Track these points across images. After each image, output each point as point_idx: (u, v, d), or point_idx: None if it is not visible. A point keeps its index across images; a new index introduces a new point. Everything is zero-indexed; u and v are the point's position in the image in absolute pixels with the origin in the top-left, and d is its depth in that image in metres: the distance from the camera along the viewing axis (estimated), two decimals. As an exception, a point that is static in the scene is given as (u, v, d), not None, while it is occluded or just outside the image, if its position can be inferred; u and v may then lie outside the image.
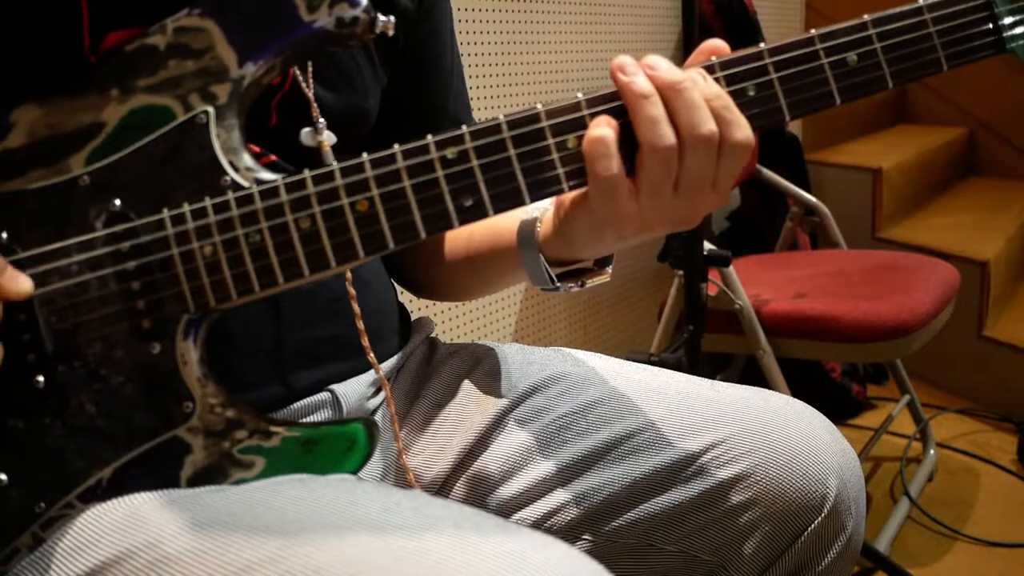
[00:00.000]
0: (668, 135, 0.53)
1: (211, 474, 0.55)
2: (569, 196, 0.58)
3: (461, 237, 0.75)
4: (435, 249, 0.80)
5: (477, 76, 1.57)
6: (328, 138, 0.63)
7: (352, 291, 0.65)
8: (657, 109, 0.53)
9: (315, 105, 0.64)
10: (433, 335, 0.84)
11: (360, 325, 0.65)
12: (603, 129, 0.53)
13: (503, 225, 0.69)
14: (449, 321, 1.61)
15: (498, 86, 1.65)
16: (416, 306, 1.49)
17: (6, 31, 0.57)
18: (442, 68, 0.80)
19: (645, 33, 2.10)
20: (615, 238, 0.58)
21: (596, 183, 0.54)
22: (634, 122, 0.54)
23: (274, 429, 0.56)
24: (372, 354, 0.66)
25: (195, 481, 0.55)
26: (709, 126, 0.53)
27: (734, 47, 0.56)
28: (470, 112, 0.84)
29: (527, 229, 0.65)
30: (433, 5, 0.77)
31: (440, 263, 0.80)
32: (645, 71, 0.54)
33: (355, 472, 0.57)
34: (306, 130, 0.63)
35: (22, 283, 0.52)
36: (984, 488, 1.87)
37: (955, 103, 3.21)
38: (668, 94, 0.53)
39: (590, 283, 0.65)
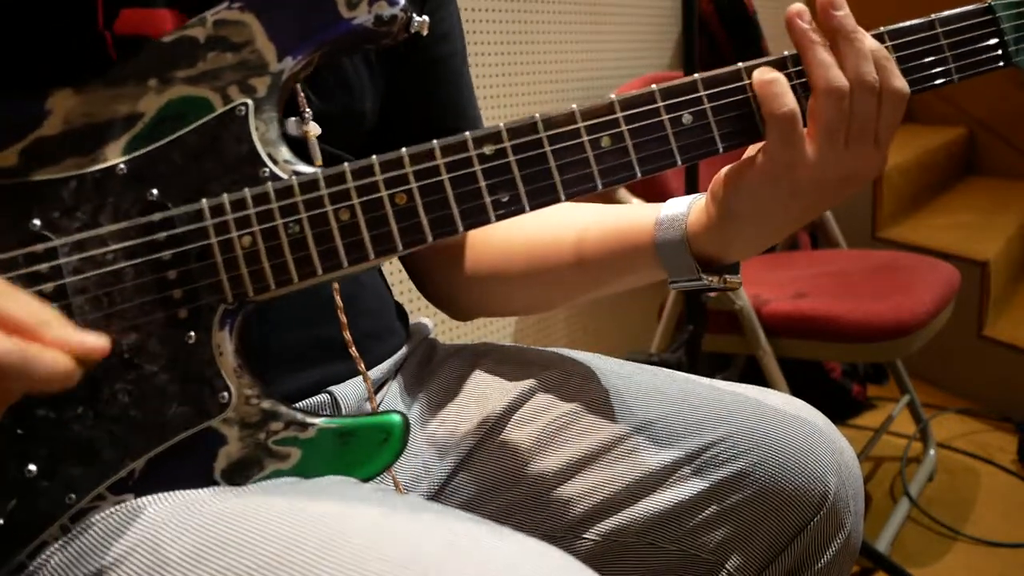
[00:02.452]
0: (841, 77, 0.56)
1: (246, 465, 0.55)
2: (734, 168, 0.60)
3: (567, 242, 0.72)
4: (513, 265, 0.76)
5: (476, 76, 1.57)
6: (313, 128, 0.62)
7: (340, 302, 0.64)
8: (830, 55, 0.57)
9: (302, 95, 0.63)
10: (432, 336, 0.84)
11: (343, 318, 0.64)
12: (773, 72, 0.57)
13: (627, 224, 0.68)
14: (449, 321, 1.61)
15: (498, 86, 1.65)
16: (415, 307, 1.49)
17: (19, 8, 0.56)
18: (455, 69, 0.80)
19: (645, 33, 2.10)
20: (789, 196, 0.59)
21: (775, 124, 0.56)
22: (808, 67, 0.57)
23: (311, 420, 0.56)
24: (354, 348, 0.65)
25: (229, 472, 0.55)
26: (874, 75, 0.56)
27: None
28: (480, 115, 0.84)
29: (673, 223, 0.64)
30: (437, 7, 0.77)
31: (516, 278, 0.76)
32: (828, 10, 0.57)
33: (388, 466, 0.57)
34: (292, 119, 0.62)
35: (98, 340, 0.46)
36: (984, 488, 1.87)
37: (955, 103, 3.21)
38: (844, 41, 0.57)
39: (730, 280, 0.65)
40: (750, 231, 0.62)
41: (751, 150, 0.60)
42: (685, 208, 0.64)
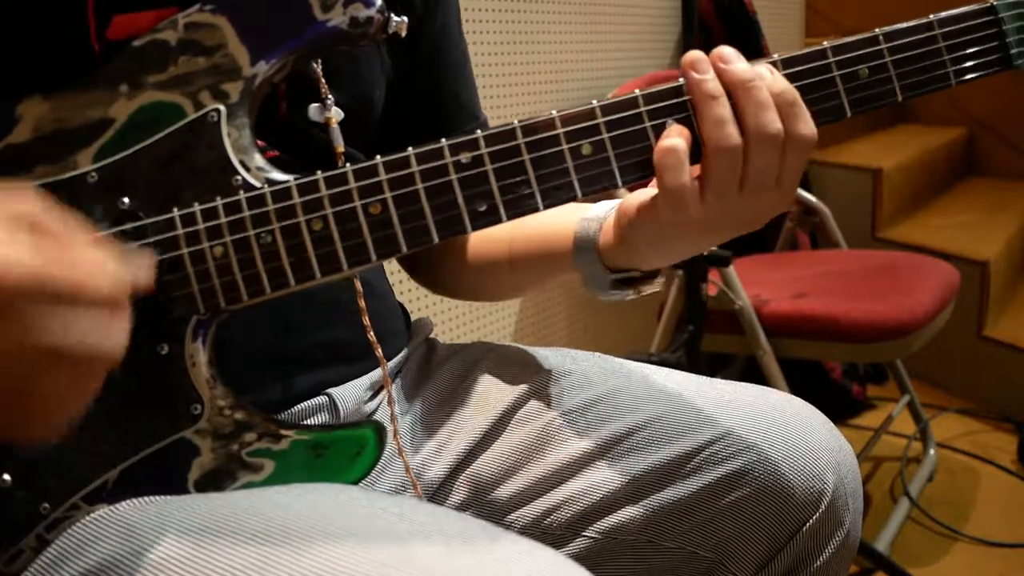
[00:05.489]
0: (734, 136, 0.54)
1: (219, 477, 0.55)
2: (634, 204, 0.59)
3: (502, 240, 0.74)
4: (457, 253, 0.79)
5: (476, 76, 1.57)
6: (336, 114, 0.62)
7: (360, 288, 0.64)
8: (725, 110, 0.54)
9: (323, 81, 0.63)
10: (432, 335, 0.84)
11: (366, 322, 0.65)
12: (674, 140, 0.54)
13: (553, 229, 0.68)
14: (449, 321, 1.61)
15: (498, 86, 1.65)
16: (415, 307, 1.49)
17: (10, 16, 0.56)
18: (454, 59, 0.80)
19: (645, 33, 2.10)
20: (680, 242, 0.59)
21: (666, 193, 0.55)
22: (700, 122, 0.54)
23: (284, 432, 0.55)
24: (380, 350, 0.66)
25: (202, 483, 0.55)
26: (776, 125, 0.54)
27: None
28: (479, 103, 0.84)
29: (586, 236, 0.64)
30: None
31: (463, 266, 0.79)
32: (716, 64, 0.54)
33: (363, 477, 0.57)
34: (314, 105, 0.62)
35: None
36: (984, 488, 1.87)
37: (955, 103, 3.21)
38: (738, 92, 0.54)
39: (645, 291, 0.65)
40: (651, 256, 0.62)
41: (649, 191, 0.58)
42: (597, 225, 0.64)
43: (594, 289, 0.66)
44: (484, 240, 0.76)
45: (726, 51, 0.55)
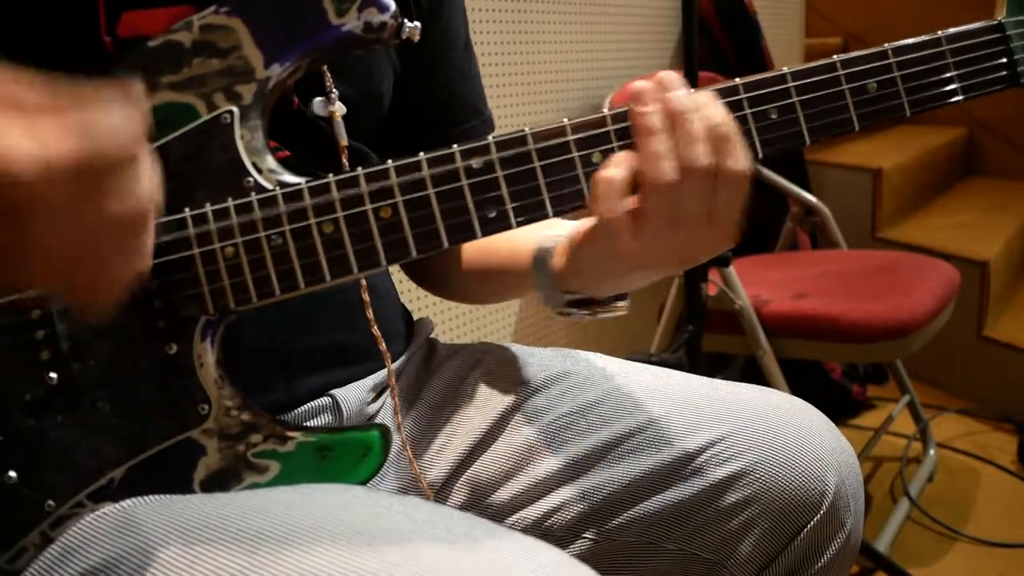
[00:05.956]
0: (668, 172, 0.52)
1: (225, 477, 0.55)
2: (581, 229, 0.59)
3: (471, 252, 0.75)
4: (450, 257, 0.80)
5: (477, 76, 1.57)
6: (340, 107, 0.62)
7: (366, 284, 0.65)
8: (660, 145, 0.53)
9: (328, 75, 0.63)
10: (433, 336, 0.84)
11: (370, 315, 0.65)
12: (612, 170, 0.54)
13: (520, 245, 0.69)
14: (449, 321, 1.61)
15: (498, 86, 1.65)
16: (416, 307, 1.49)
17: (21, 13, 0.56)
18: (457, 57, 0.80)
19: (645, 33, 2.10)
20: (619, 273, 0.59)
21: (599, 222, 0.55)
22: (639, 155, 0.54)
23: (289, 434, 0.56)
24: (385, 348, 0.66)
25: (208, 483, 0.55)
26: (704, 160, 0.52)
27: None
28: (486, 102, 0.84)
29: (542, 257, 0.65)
30: None
31: (458, 269, 0.80)
32: (658, 93, 0.54)
33: (368, 480, 0.57)
34: (318, 99, 0.62)
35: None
36: (984, 488, 1.87)
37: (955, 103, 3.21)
38: (676, 122, 0.53)
39: (602, 315, 0.65)
40: (597, 282, 0.62)
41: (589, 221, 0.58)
42: (553, 245, 0.65)
43: (551, 305, 0.67)
44: (467, 248, 0.77)
45: (667, 78, 0.54)
